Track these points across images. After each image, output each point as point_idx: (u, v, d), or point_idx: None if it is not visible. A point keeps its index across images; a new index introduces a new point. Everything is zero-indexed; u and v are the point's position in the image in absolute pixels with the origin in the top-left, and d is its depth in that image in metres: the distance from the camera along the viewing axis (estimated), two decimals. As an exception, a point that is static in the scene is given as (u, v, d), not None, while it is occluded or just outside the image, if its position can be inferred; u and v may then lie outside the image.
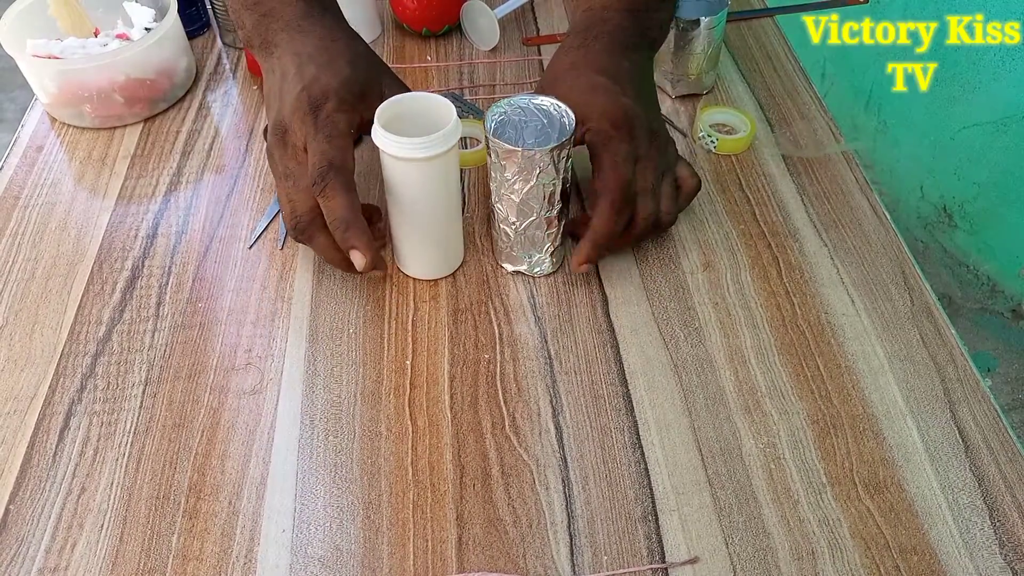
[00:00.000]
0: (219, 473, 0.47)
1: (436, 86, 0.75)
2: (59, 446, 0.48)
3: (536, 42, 0.80)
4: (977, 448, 0.48)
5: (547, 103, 0.52)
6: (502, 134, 0.50)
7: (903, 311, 0.55)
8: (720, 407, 0.50)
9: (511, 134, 0.50)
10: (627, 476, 0.47)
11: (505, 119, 0.51)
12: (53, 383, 0.51)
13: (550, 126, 0.51)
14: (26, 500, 0.46)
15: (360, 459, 0.48)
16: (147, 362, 0.52)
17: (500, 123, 0.51)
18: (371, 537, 0.44)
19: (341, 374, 0.52)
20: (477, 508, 0.46)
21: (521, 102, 0.52)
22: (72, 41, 0.70)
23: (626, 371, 0.52)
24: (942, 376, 0.51)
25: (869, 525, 0.45)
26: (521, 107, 0.52)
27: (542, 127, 0.51)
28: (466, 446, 0.48)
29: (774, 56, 0.78)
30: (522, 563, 0.43)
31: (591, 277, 0.58)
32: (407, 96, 0.53)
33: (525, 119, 0.51)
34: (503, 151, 0.50)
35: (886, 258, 0.59)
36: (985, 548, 0.44)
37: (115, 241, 0.61)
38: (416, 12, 0.77)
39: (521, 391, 0.51)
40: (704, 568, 0.43)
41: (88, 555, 0.44)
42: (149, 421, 0.49)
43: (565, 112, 0.51)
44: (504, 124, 0.51)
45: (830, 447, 0.48)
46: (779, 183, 0.65)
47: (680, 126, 0.70)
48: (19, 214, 0.63)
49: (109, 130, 0.70)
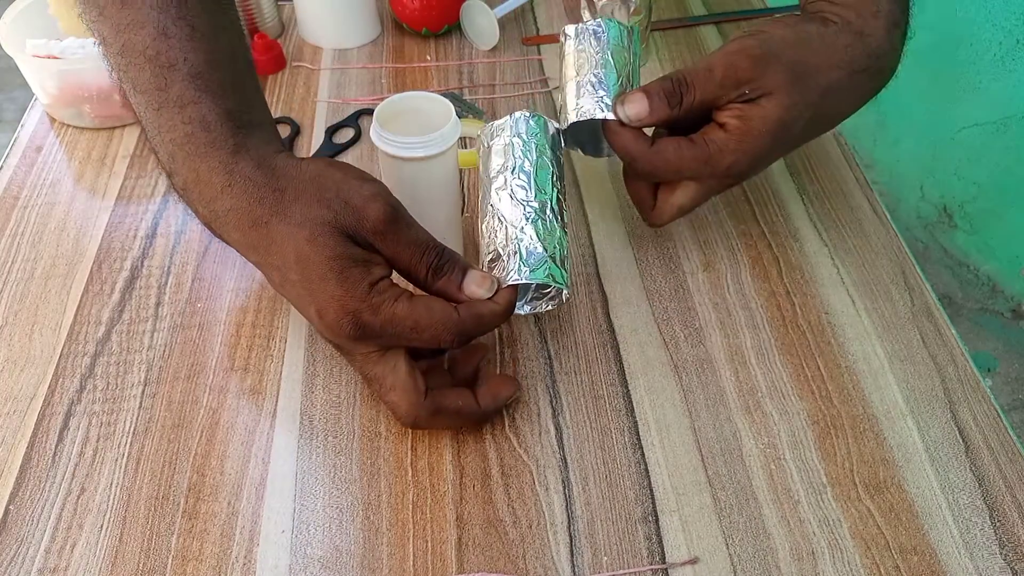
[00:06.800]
0: (218, 473, 0.47)
1: (436, 86, 0.75)
2: (59, 446, 0.48)
3: (536, 42, 0.80)
4: (977, 448, 0.48)
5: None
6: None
7: (903, 311, 0.55)
8: (720, 407, 0.50)
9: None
10: (627, 477, 0.47)
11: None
12: (52, 383, 0.51)
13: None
14: (26, 500, 0.46)
15: (360, 459, 0.48)
16: (146, 362, 0.52)
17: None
18: (371, 538, 0.44)
19: (341, 374, 0.52)
20: (477, 509, 0.45)
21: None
22: (72, 41, 0.70)
23: (626, 371, 0.52)
24: (942, 376, 0.51)
25: (869, 525, 0.45)
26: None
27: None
28: (466, 446, 0.48)
29: (774, 56, 0.78)
30: (522, 564, 0.43)
31: (591, 277, 0.57)
32: (406, 96, 0.53)
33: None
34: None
35: (886, 258, 0.59)
36: (985, 548, 0.44)
37: (114, 241, 0.60)
38: (416, 12, 0.77)
39: (521, 391, 0.51)
40: (704, 568, 0.43)
41: (88, 555, 0.44)
42: (148, 421, 0.49)
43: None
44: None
45: (830, 447, 0.48)
46: (779, 183, 0.65)
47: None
48: (18, 214, 0.63)
49: (109, 130, 0.70)
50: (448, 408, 0.46)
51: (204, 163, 0.42)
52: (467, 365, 0.50)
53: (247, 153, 0.43)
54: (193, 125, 0.42)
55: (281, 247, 0.42)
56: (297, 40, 0.81)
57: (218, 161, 0.42)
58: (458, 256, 0.46)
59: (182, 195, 0.44)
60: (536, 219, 0.46)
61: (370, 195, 0.43)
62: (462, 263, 0.46)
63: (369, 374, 0.45)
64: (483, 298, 0.45)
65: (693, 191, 0.51)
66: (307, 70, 0.77)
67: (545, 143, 0.48)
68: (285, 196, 0.42)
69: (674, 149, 0.49)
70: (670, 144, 0.49)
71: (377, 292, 0.42)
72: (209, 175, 0.42)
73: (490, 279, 0.45)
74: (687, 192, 0.52)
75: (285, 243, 0.42)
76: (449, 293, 0.45)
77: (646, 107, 0.49)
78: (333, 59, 0.78)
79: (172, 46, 0.42)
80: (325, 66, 0.78)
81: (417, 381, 0.45)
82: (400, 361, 0.45)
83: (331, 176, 0.43)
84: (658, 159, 0.49)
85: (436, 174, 0.51)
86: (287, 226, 0.42)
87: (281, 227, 0.42)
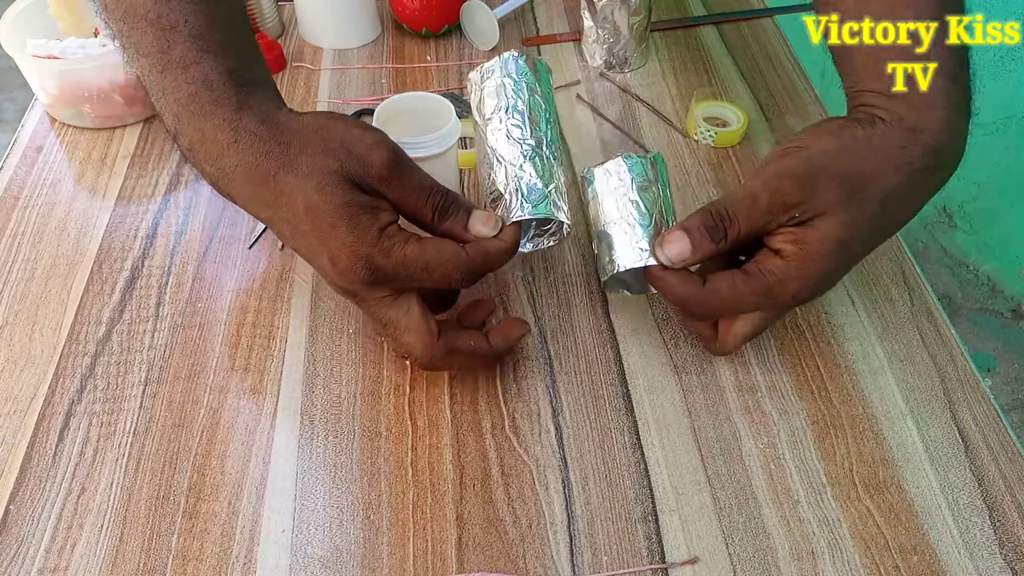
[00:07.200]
0: (219, 473, 0.47)
1: (436, 86, 0.75)
2: (59, 446, 0.48)
3: (536, 42, 0.80)
4: (977, 448, 0.48)
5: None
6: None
7: (903, 311, 0.55)
8: (720, 407, 0.50)
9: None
10: (627, 476, 0.47)
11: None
12: (53, 383, 0.51)
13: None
14: (26, 500, 0.46)
15: (360, 459, 0.48)
16: (147, 362, 0.52)
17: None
18: (371, 537, 0.44)
19: (341, 374, 0.52)
20: (477, 508, 0.46)
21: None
22: (72, 41, 0.70)
23: (626, 371, 0.52)
24: (942, 376, 0.51)
25: (869, 525, 0.45)
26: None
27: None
28: (466, 446, 0.48)
29: (774, 56, 0.78)
30: (522, 563, 0.43)
31: (591, 278, 0.57)
32: (406, 96, 0.53)
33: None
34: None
35: (886, 258, 0.59)
36: (985, 548, 0.44)
37: (115, 241, 0.60)
38: (416, 12, 0.77)
39: (521, 391, 0.51)
40: (704, 568, 0.43)
41: (88, 555, 0.44)
42: (149, 421, 0.49)
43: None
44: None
45: (830, 447, 0.48)
46: (779, 183, 0.64)
47: (680, 127, 0.70)
48: (19, 214, 0.63)
49: (109, 130, 0.70)
50: (461, 348, 0.47)
51: (209, 121, 0.43)
52: (475, 317, 0.51)
53: (250, 109, 0.43)
54: (196, 85, 0.43)
55: (290, 199, 0.43)
56: (297, 40, 0.81)
57: (222, 118, 0.43)
58: (462, 197, 0.46)
59: (188, 155, 0.45)
60: (534, 156, 0.47)
61: (373, 143, 0.43)
62: (467, 204, 0.46)
63: (383, 318, 0.46)
64: (489, 236, 0.45)
65: (757, 319, 0.48)
66: (307, 70, 0.77)
67: (535, 81, 0.49)
68: (291, 149, 0.43)
69: (728, 286, 0.44)
70: (723, 281, 0.44)
71: (387, 236, 0.43)
72: (214, 133, 0.43)
73: (494, 217, 0.46)
74: (751, 321, 0.48)
75: (294, 195, 0.42)
76: (456, 233, 0.45)
77: (687, 246, 0.45)
78: (333, 59, 0.78)
79: (173, 9, 0.42)
80: (325, 66, 0.78)
81: (430, 322, 0.46)
82: (413, 304, 0.45)
83: (334, 127, 0.44)
84: (713, 299, 0.45)
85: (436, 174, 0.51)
86: (295, 178, 0.42)
87: (289, 179, 0.42)
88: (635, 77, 0.76)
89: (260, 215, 0.45)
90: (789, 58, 0.78)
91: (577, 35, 0.80)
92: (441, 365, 0.48)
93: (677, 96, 0.73)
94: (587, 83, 0.75)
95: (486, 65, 0.49)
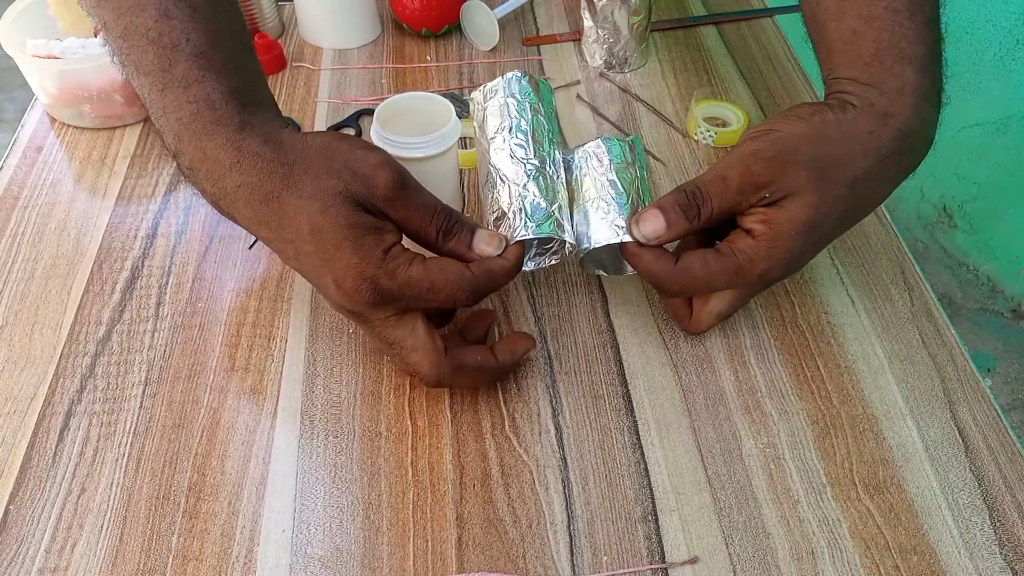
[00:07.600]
0: (219, 473, 0.47)
1: (436, 86, 0.75)
2: (59, 446, 0.48)
3: (536, 42, 0.80)
4: (977, 448, 0.48)
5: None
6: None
7: (903, 311, 0.55)
8: (720, 407, 0.50)
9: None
10: (627, 476, 0.47)
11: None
12: (53, 383, 0.51)
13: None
14: (26, 500, 0.46)
15: (360, 459, 0.48)
16: (147, 362, 0.52)
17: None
18: (371, 537, 0.44)
19: (341, 374, 0.52)
20: (477, 508, 0.46)
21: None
22: (72, 41, 0.70)
23: (626, 371, 0.52)
24: (942, 376, 0.51)
25: (869, 525, 0.45)
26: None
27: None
28: (466, 446, 0.48)
29: (774, 56, 0.78)
30: (522, 563, 0.43)
31: (591, 278, 0.57)
32: (406, 96, 0.53)
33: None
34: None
35: (886, 258, 0.59)
36: (985, 548, 0.44)
37: (115, 241, 0.61)
38: (416, 12, 0.77)
39: (521, 391, 0.51)
40: (704, 568, 0.43)
41: (88, 555, 0.44)
42: (149, 421, 0.49)
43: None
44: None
45: (830, 447, 0.48)
46: (779, 183, 0.64)
47: (680, 127, 0.70)
48: (19, 214, 0.63)
49: (109, 130, 0.70)
50: (468, 364, 0.47)
51: (211, 141, 0.43)
52: (478, 329, 0.51)
53: (253, 129, 0.43)
54: (198, 104, 0.42)
55: (294, 220, 0.42)
56: (297, 40, 0.81)
57: (225, 138, 0.43)
58: (466, 217, 0.46)
59: (188, 175, 0.45)
60: (537, 175, 0.47)
61: (377, 163, 0.43)
62: (470, 224, 0.46)
63: (389, 338, 0.46)
64: (493, 255, 0.45)
65: (730, 297, 0.49)
66: (307, 70, 0.77)
67: (538, 101, 0.49)
68: (295, 169, 0.42)
69: (700, 264, 0.46)
70: (695, 259, 0.46)
71: (392, 257, 0.43)
72: (217, 152, 0.43)
73: (498, 237, 0.46)
74: (723, 300, 0.49)
75: (298, 215, 0.42)
76: (460, 253, 0.45)
77: (662, 224, 0.46)
78: (333, 59, 0.78)
79: (174, 27, 0.42)
80: (325, 66, 0.78)
81: (436, 340, 0.46)
82: (418, 323, 0.45)
83: (338, 147, 0.44)
84: (685, 277, 0.46)
85: (436, 174, 0.51)
86: (299, 199, 0.42)
87: (293, 200, 0.42)
88: (635, 77, 0.76)
89: (262, 235, 0.45)
90: (789, 58, 0.78)
91: (577, 35, 0.80)
92: (448, 382, 0.48)
93: (677, 96, 0.73)
94: (587, 83, 0.75)
95: (489, 85, 0.49)
